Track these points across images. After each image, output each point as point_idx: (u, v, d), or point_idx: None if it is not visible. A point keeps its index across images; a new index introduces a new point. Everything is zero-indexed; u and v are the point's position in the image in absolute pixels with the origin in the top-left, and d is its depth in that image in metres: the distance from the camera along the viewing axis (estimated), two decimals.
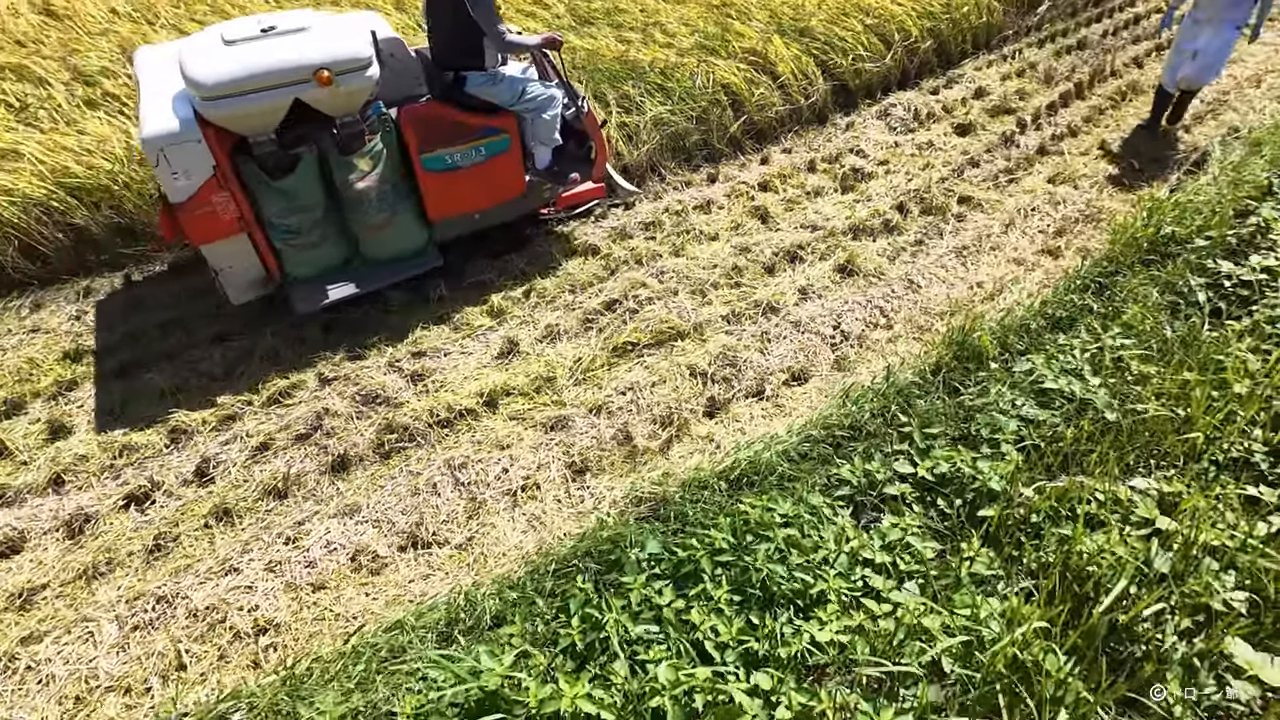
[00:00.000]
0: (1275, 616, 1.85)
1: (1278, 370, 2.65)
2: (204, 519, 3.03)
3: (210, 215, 3.41)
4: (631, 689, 1.89)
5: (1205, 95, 6.04)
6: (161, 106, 3.25)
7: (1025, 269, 4.38)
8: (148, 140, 3.13)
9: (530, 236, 4.55)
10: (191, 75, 3.09)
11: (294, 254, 3.73)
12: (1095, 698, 1.66)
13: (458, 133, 3.80)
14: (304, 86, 3.25)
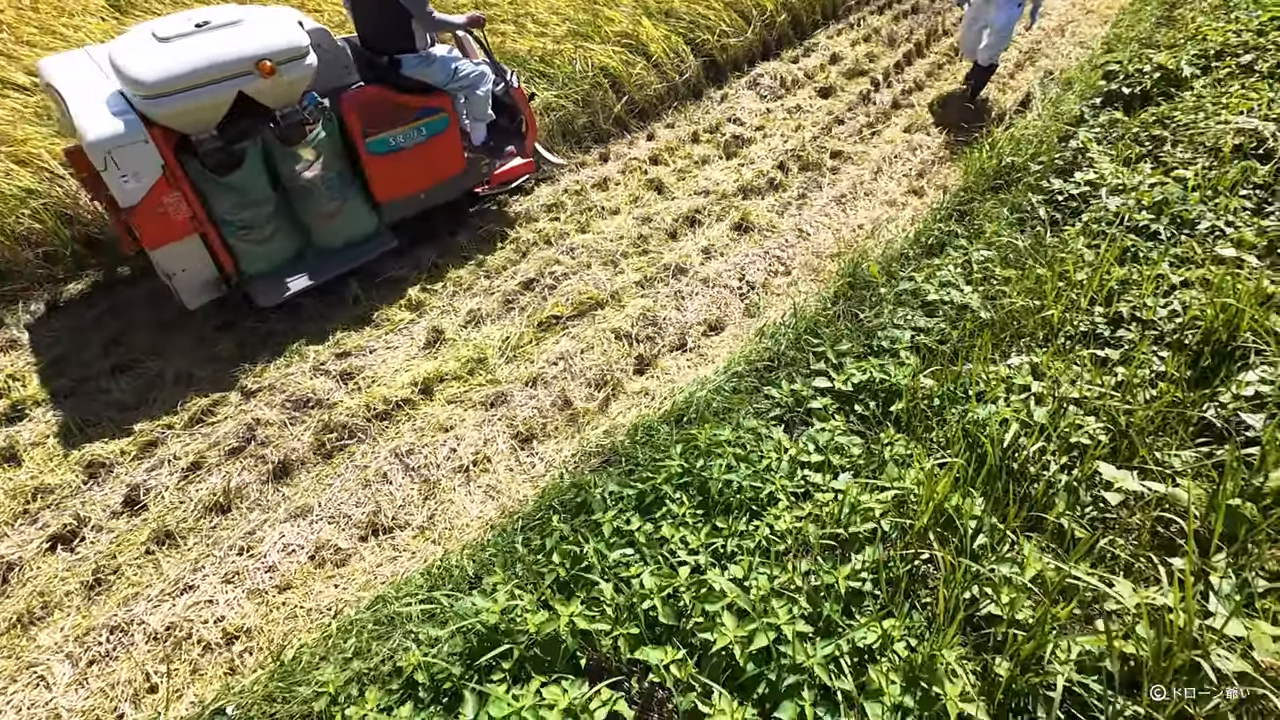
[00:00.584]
0: (1127, 443, 2.27)
1: (1106, 259, 3.16)
2: (144, 546, 2.93)
3: (163, 217, 3.34)
4: (620, 602, 2.07)
5: (1020, 45, 6.85)
6: (96, 110, 3.13)
7: (897, 208, 4.87)
8: (94, 144, 3.02)
9: (472, 215, 4.65)
10: (132, 74, 3.02)
11: (249, 249, 3.71)
12: (1005, 525, 2.01)
13: (399, 115, 3.87)
14: (247, 79, 3.23)
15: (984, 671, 1.73)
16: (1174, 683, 1.56)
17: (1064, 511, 2.05)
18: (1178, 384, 2.42)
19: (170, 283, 3.60)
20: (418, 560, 2.87)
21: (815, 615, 1.91)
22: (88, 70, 3.34)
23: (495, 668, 1.98)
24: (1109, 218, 3.49)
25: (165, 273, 3.57)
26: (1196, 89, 4.55)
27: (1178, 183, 3.59)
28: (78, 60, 3.44)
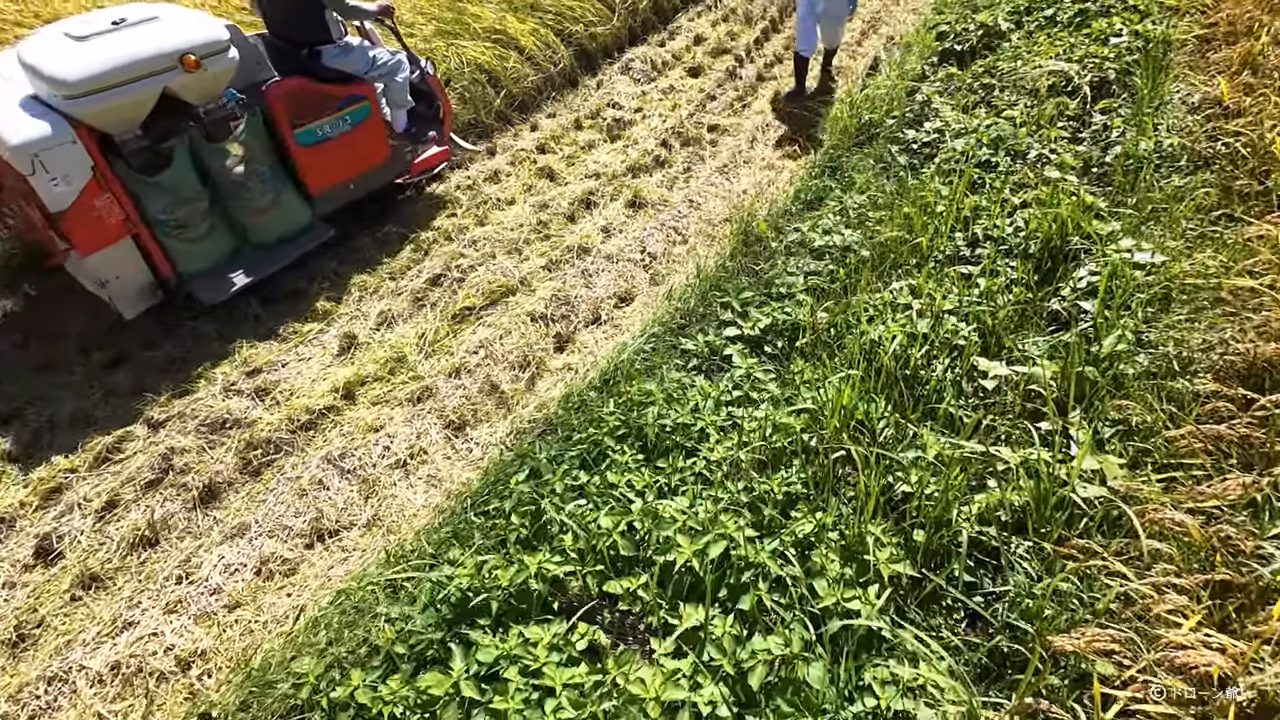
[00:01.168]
0: (995, 339, 2.64)
1: (959, 192, 3.59)
2: (67, 594, 2.78)
3: (96, 220, 3.25)
4: (582, 546, 2.22)
5: (863, 15, 7.43)
6: (13, 114, 3.03)
7: (775, 171, 5.22)
8: (20, 147, 2.93)
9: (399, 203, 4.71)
10: (54, 74, 2.95)
11: (185, 248, 3.67)
12: (905, 419, 2.31)
13: (324, 105, 3.92)
14: (171, 74, 3.20)
15: (905, 540, 2.01)
16: (1052, 517, 1.89)
17: (951, 401, 2.37)
18: (1027, 286, 2.83)
19: (103, 292, 3.50)
20: (369, 556, 2.89)
21: (759, 521, 2.14)
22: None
23: (474, 625, 2.08)
24: (956, 157, 3.94)
25: (98, 281, 3.45)
26: (1013, 41, 5.16)
27: (1008, 121, 4.10)
28: None
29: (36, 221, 3.36)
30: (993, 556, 1.93)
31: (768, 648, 1.74)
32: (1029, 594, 1.72)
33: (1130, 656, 1.47)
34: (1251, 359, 2.11)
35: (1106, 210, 3.09)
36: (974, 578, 1.90)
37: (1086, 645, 1.47)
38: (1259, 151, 3.23)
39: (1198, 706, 1.34)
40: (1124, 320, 2.40)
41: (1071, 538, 1.83)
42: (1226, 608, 1.52)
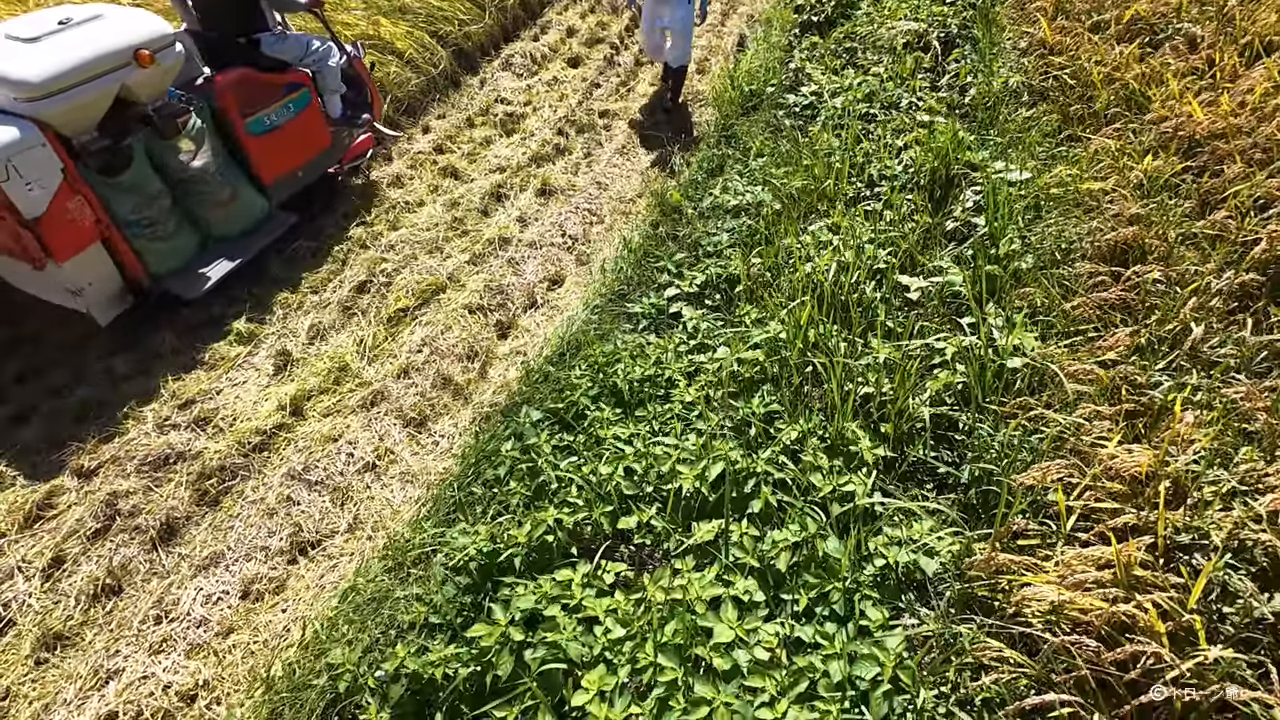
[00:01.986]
0: (909, 259, 3.01)
1: (849, 142, 3.98)
2: (30, 659, 2.59)
3: (71, 225, 3.22)
4: (587, 495, 2.36)
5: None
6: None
7: (668, 146, 5.49)
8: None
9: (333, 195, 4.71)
10: (15, 76, 2.91)
11: (157, 248, 3.67)
12: (852, 333, 2.61)
13: (269, 93, 3.95)
14: (127, 71, 3.20)
15: (876, 431, 2.30)
16: (992, 387, 2.23)
17: (886, 314, 2.70)
18: (926, 212, 3.23)
19: (78, 300, 3.44)
20: (359, 558, 2.87)
21: (746, 441, 2.36)
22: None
23: (500, 584, 2.17)
24: (839, 114, 4.34)
25: (73, 288, 3.39)
26: (864, 7, 5.68)
27: (875, 78, 4.56)
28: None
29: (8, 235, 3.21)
30: (952, 429, 2.25)
31: (785, 537, 1.96)
32: (988, 446, 2.05)
33: (1077, 476, 1.80)
34: (1114, 243, 2.56)
35: (974, 142, 3.56)
36: (937, 452, 2.21)
37: (1042, 476, 1.79)
38: (1082, 81, 3.81)
39: (1133, 500, 1.68)
40: (1009, 227, 2.82)
41: (1009, 400, 2.18)
42: (1137, 426, 1.89)
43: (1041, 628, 1.54)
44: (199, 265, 3.86)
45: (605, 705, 1.71)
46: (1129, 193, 2.75)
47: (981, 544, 1.82)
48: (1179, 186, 2.89)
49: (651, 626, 1.85)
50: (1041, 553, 1.69)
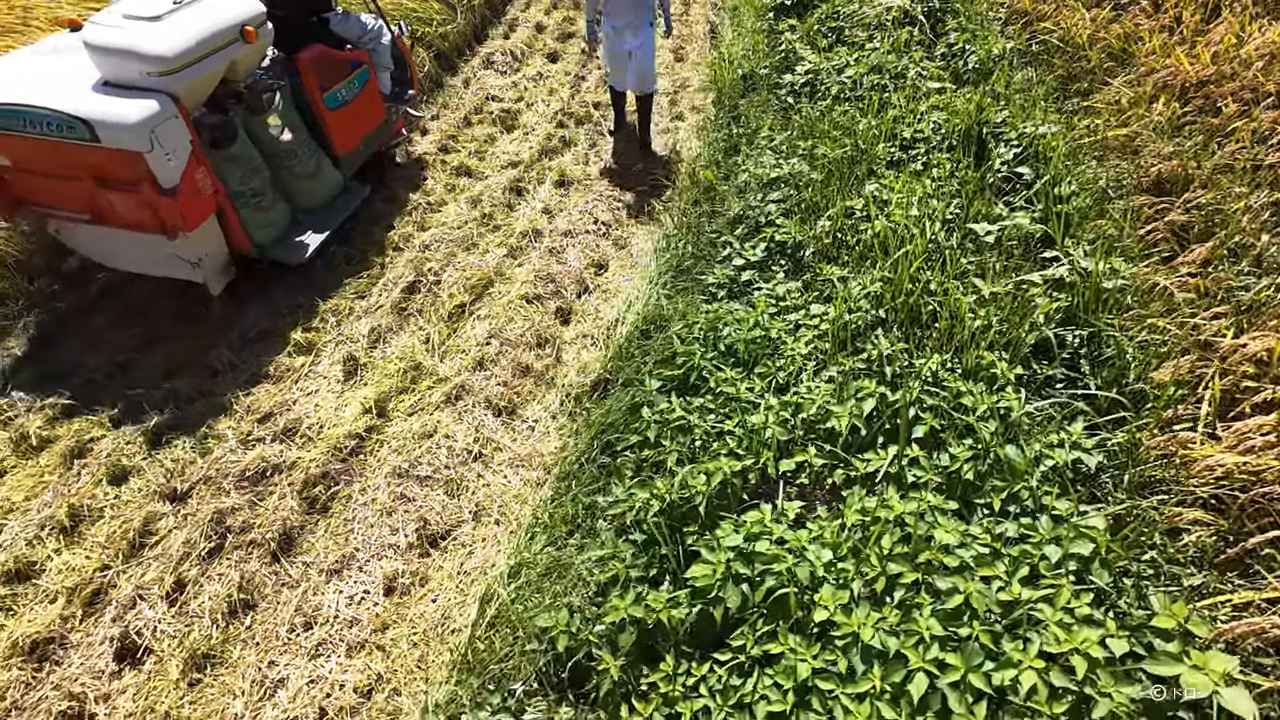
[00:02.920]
0: (972, 209, 3.29)
1: (872, 110, 4.24)
2: (181, 682, 2.53)
3: (197, 194, 3.38)
4: (744, 442, 2.51)
5: None
6: (105, 97, 3.13)
7: (671, 134, 5.65)
8: (140, 124, 3.05)
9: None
10: (149, 51, 3.08)
11: (259, 218, 3.83)
12: (946, 277, 2.86)
13: (341, 69, 4.15)
14: (236, 47, 3.38)
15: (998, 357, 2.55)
16: (1094, 308, 2.52)
17: (966, 261, 2.96)
18: (969, 168, 3.52)
19: (196, 271, 3.62)
20: (492, 543, 2.92)
21: (882, 378, 2.57)
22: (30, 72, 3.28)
23: (683, 532, 2.30)
24: (849, 87, 4.62)
25: (193, 260, 3.57)
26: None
27: (872, 52, 4.86)
28: (26, 57, 3.39)
29: (140, 208, 3.34)
30: (1062, 349, 2.53)
31: (960, 451, 2.18)
32: (1123, 350, 2.32)
33: (1206, 366, 2.10)
34: (1157, 176, 2.91)
35: (990, 103, 3.89)
36: (1062, 367, 2.49)
37: (1175, 370, 2.07)
38: (1070, 43, 4.21)
39: (1262, 378, 1.98)
40: (1057, 172, 3.15)
41: (1114, 317, 2.47)
42: (1240, 322, 2.21)
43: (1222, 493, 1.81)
44: (295, 235, 4.07)
45: (849, 615, 1.88)
46: (1153, 134, 3.13)
47: (1140, 434, 2.09)
48: (1184, 127, 3.29)
49: (867, 543, 2.02)
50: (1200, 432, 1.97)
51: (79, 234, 3.68)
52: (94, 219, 3.49)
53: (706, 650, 2.07)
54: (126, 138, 3.07)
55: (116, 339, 3.76)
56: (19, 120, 3.16)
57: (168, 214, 3.30)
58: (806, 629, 1.95)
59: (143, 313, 3.91)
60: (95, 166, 3.25)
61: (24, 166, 3.39)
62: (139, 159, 3.14)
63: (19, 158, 3.36)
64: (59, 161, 3.27)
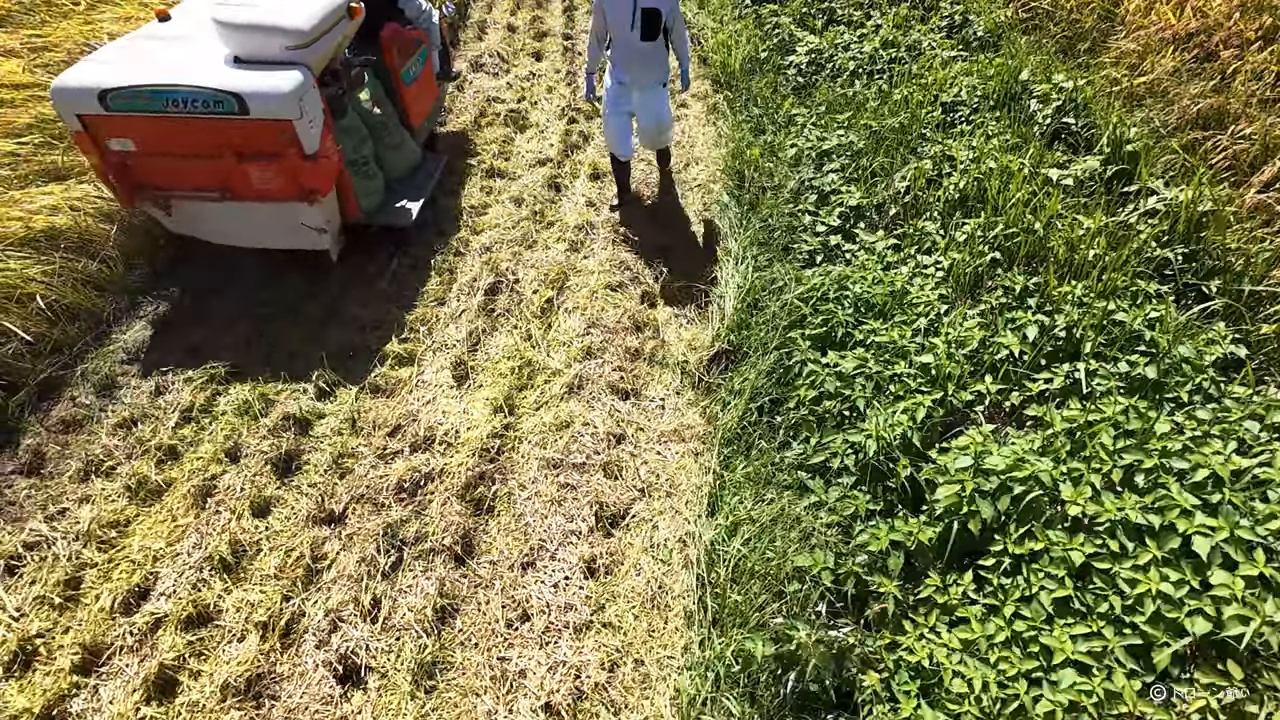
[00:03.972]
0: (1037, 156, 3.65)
1: (903, 82, 4.55)
2: (415, 692, 2.50)
3: (330, 161, 3.62)
4: (929, 380, 2.73)
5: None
6: (250, 70, 3.35)
7: (681, 120, 5.81)
8: (291, 94, 3.29)
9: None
10: (289, 25, 3.32)
11: (366, 186, 4.06)
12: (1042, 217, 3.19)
13: (411, 46, 4.38)
14: (345, 24, 3.64)
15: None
16: (1185, 234, 2.91)
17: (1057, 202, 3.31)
18: (1019, 122, 3.90)
19: (323, 238, 3.86)
20: (671, 514, 3.02)
21: (1023, 307, 2.86)
22: (149, 57, 3.46)
23: (899, 466, 2.51)
24: (864, 63, 4.94)
25: (321, 227, 3.79)
26: None
27: (875, 28, 5.21)
28: (140, 50, 3.53)
29: (281, 176, 3.53)
30: (1167, 267, 2.91)
31: (1137, 357, 2.49)
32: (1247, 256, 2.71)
33: None
34: (1199, 113, 3.36)
35: (1026, 63, 4.29)
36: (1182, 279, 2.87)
37: None
38: (1061, 9, 4.69)
39: None
40: (1107, 119, 3.56)
41: (1211, 233, 2.86)
42: None
43: None
44: (393, 201, 4.28)
45: (1100, 504, 2.13)
46: (1173, 80, 3.59)
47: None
48: (1194, 74, 3.79)
49: (1084, 446, 2.29)
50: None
51: (199, 215, 3.82)
52: (225, 195, 3.62)
53: (959, 564, 2.29)
54: (279, 107, 3.29)
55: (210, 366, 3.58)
56: (162, 100, 3.31)
57: (310, 179, 3.54)
58: (1056, 525, 2.20)
59: (231, 346, 3.75)
60: (238, 140, 3.42)
61: (152, 149, 3.50)
62: (288, 127, 3.35)
63: (147, 140, 3.47)
64: (195, 140, 3.43)
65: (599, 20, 3.99)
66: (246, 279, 4.13)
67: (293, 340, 3.78)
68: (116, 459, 3.23)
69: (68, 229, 3.90)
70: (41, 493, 3.12)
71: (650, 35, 3.88)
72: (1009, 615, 2.07)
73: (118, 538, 2.94)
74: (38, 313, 3.60)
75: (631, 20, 3.85)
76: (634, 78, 4.12)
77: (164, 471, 3.17)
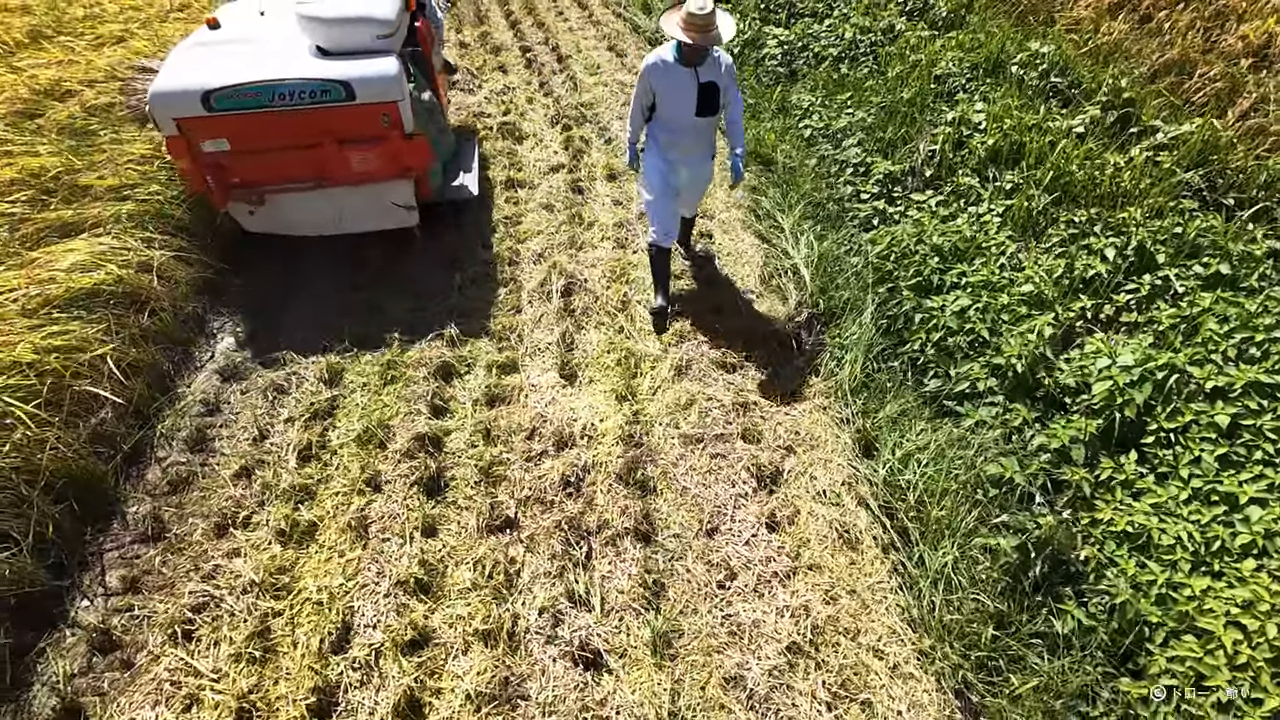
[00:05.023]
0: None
1: (899, 60, 5.02)
2: (660, 664, 2.59)
3: (424, 140, 3.91)
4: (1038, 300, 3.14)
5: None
6: (348, 60, 3.60)
7: None
8: (396, 77, 3.59)
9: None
10: (379, 16, 3.63)
11: (433, 166, 4.22)
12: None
13: (434, 39, 4.57)
14: (405, 14, 3.92)
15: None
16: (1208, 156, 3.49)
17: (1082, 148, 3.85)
18: (1014, 87, 4.45)
19: (410, 215, 4.15)
20: (823, 462, 3.25)
21: (1094, 236, 3.33)
22: (230, 59, 3.62)
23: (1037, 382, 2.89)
24: (845, 48, 5.40)
25: (408, 204, 4.08)
26: None
27: (848, 18, 5.69)
28: (217, 54, 3.68)
29: (383, 157, 3.81)
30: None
31: (1211, 259, 3.00)
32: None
33: None
34: (1166, 64, 4.01)
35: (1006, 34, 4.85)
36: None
37: None
38: None
39: None
40: (1090, 74, 4.16)
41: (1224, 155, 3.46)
42: None
43: None
44: (450, 180, 4.51)
45: (1226, 375, 2.59)
46: (1133, 37, 4.26)
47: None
48: (1136, 32, 4.49)
49: (1199, 326, 2.76)
50: None
51: (287, 209, 3.97)
52: (320, 183, 3.83)
53: (1123, 449, 2.69)
54: (385, 90, 3.55)
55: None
56: (269, 94, 3.49)
57: (411, 157, 3.83)
58: (1196, 399, 2.63)
59: (313, 380, 3.63)
60: (343, 126, 3.64)
61: (248, 145, 3.64)
62: (392, 109, 3.61)
63: (245, 137, 3.61)
64: (296, 131, 3.62)
65: (645, 94, 3.48)
66: (303, 312, 4.01)
67: (378, 365, 3.70)
68: (248, 508, 3.08)
69: (108, 284, 3.63)
70: (179, 556, 2.93)
71: (709, 111, 3.44)
72: (1186, 476, 2.48)
73: (290, 582, 2.82)
74: (110, 374, 3.34)
75: (694, 102, 3.38)
76: (683, 155, 3.59)
77: (306, 511, 3.06)
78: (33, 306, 3.42)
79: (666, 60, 3.40)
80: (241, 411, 3.52)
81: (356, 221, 4.11)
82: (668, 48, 3.42)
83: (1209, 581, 2.23)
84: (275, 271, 4.29)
